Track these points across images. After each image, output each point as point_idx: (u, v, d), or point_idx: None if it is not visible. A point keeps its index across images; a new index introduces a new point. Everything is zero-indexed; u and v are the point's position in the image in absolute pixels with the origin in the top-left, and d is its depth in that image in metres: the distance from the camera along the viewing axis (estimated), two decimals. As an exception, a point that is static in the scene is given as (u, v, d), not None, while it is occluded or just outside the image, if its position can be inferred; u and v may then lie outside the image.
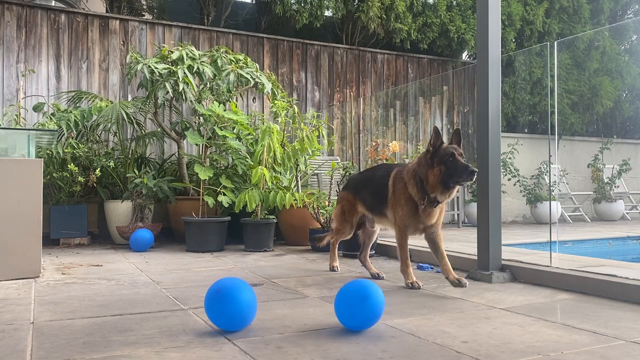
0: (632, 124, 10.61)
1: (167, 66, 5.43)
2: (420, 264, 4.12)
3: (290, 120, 5.78)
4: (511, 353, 1.99)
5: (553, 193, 8.41)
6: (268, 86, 5.79)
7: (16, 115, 5.33)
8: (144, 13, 7.44)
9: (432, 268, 4.03)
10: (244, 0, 8.09)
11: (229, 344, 2.10)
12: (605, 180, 9.02)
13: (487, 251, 3.54)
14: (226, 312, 2.25)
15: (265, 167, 5.28)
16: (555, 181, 8.69)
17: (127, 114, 5.55)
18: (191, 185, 5.72)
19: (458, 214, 7.70)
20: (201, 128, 5.69)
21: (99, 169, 5.46)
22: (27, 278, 3.56)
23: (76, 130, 5.68)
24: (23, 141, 3.94)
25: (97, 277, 3.65)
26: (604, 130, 10.37)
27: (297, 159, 5.59)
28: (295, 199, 5.27)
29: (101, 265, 4.16)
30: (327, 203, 5.41)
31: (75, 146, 5.46)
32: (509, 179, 8.19)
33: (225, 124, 5.52)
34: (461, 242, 5.16)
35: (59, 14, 6.19)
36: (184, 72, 5.38)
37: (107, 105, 5.65)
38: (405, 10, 7.77)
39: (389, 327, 2.36)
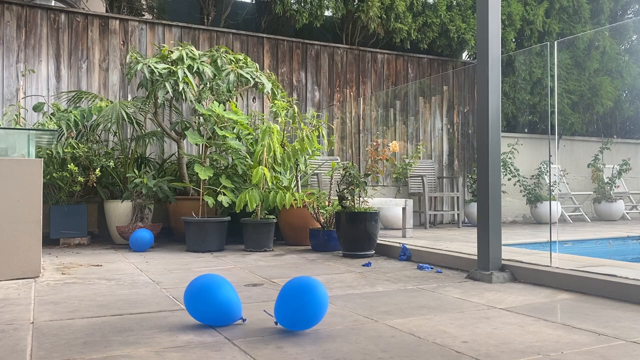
0: (632, 124, 10.60)
1: (167, 66, 5.43)
2: (421, 264, 4.12)
3: (290, 120, 5.78)
4: (511, 353, 1.99)
5: (553, 193, 8.41)
6: (268, 86, 5.79)
7: (16, 115, 5.32)
8: (144, 13, 7.43)
9: (432, 268, 4.03)
10: (244, 0, 8.08)
11: (229, 344, 2.10)
12: (605, 180, 9.02)
13: (487, 251, 3.54)
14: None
15: (265, 167, 5.28)
16: (555, 181, 8.69)
17: (127, 113, 5.55)
18: (191, 185, 5.72)
19: (458, 214, 7.70)
20: (201, 128, 5.69)
21: (98, 168, 5.46)
22: (27, 278, 3.56)
23: (76, 130, 5.68)
24: (23, 141, 3.94)
25: (97, 277, 3.65)
26: (604, 130, 10.37)
27: (297, 159, 5.59)
28: (295, 199, 5.27)
29: (101, 265, 4.16)
30: (327, 203, 5.41)
31: (75, 146, 5.46)
32: (509, 179, 8.19)
33: (225, 124, 5.52)
34: (461, 242, 5.16)
35: (58, 14, 6.18)
36: (184, 72, 5.38)
37: (107, 105, 5.65)
38: (405, 10, 7.77)
39: (389, 327, 2.36)
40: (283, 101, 5.79)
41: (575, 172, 9.52)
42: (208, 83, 5.70)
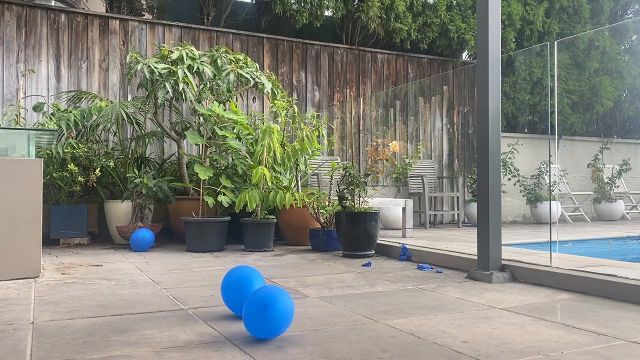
0: (632, 124, 10.61)
1: (167, 66, 5.43)
2: (421, 264, 4.12)
3: (290, 120, 5.78)
4: (511, 353, 1.99)
5: (553, 193, 8.41)
6: (268, 86, 5.79)
7: (16, 115, 5.33)
8: (144, 13, 7.43)
9: (432, 268, 4.03)
10: (244, 0, 8.08)
11: (228, 344, 2.10)
12: (605, 180, 9.02)
13: (487, 251, 3.54)
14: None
15: (265, 167, 5.28)
16: (555, 181, 8.70)
17: (127, 113, 5.55)
18: (191, 185, 5.72)
19: (458, 214, 7.70)
20: (201, 128, 5.69)
21: (98, 168, 5.46)
22: (27, 278, 3.56)
23: (76, 130, 5.68)
24: (23, 141, 3.94)
25: (97, 277, 3.65)
26: (604, 130, 10.37)
27: (297, 159, 5.59)
28: (295, 199, 5.27)
29: (101, 265, 4.16)
30: (327, 203, 5.41)
31: (75, 146, 5.46)
32: (509, 179, 8.19)
33: (225, 124, 5.52)
34: (461, 242, 5.16)
35: (58, 14, 6.18)
36: (184, 72, 5.38)
37: (107, 105, 5.65)
38: (405, 10, 7.76)
39: (389, 327, 2.36)
40: (283, 101, 5.79)
41: (575, 172, 9.53)
42: (208, 83, 5.70)
